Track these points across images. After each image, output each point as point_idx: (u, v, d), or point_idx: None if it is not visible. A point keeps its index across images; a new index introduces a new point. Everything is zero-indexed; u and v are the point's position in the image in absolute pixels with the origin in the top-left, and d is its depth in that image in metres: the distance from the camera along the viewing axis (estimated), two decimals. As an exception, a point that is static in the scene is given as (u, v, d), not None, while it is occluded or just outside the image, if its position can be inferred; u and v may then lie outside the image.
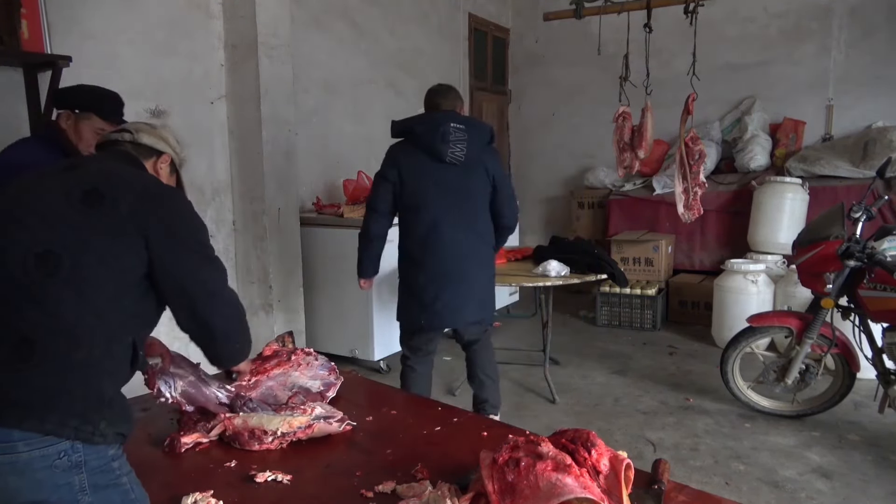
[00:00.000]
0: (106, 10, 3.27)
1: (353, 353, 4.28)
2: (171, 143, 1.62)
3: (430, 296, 2.83)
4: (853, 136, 5.34)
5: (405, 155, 2.82)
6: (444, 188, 2.80)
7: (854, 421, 3.45)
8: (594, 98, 6.29)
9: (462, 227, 2.83)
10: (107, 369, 1.28)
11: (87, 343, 1.24)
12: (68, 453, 1.21)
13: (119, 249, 1.31)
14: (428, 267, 2.83)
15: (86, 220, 1.30)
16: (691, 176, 4.25)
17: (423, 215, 2.80)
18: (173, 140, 1.64)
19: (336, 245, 4.23)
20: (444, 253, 2.82)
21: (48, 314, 1.22)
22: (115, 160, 1.50)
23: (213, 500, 1.37)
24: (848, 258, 3.04)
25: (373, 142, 5.31)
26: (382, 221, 2.92)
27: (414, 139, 2.81)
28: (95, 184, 1.34)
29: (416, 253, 2.85)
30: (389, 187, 2.83)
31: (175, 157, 1.62)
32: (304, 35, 4.42)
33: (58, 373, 1.22)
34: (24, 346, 1.20)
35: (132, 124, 1.62)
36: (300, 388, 1.91)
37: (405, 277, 2.95)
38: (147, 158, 1.56)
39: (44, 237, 1.26)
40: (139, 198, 1.36)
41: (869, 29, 5.47)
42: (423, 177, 2.79)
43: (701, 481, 2.81)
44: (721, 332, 4.66)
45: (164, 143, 1.60)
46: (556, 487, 1.12)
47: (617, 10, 4.66)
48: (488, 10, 6.79)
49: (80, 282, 1.25)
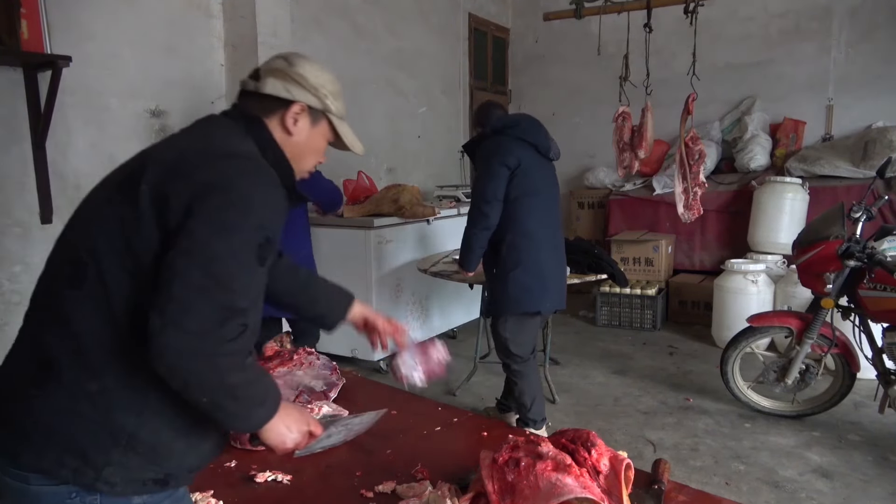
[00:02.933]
0: (106, 10, 3.27)
1: (353, 353, 4.27)
2: (308, 84, 1.22)
3: (546, 280, 2.94)
4: (853, 136, 5.34)
5: (520, 146, 2.91)
6: (548, 182, 3.01)
7: (854, 421, 3.45)
8: (594, 98, 6.30)
9: (556, 219, 3.08)
10: (124, 399, 1.04)
11: (100, 368, 1.03)
12: (81, 495, 1.04)
13: (140, 247, 1.02)
14: (538, 254, 2.93)
15: (114, 215, 1.04)
16: (691, 176, 4.26)
17: (536, 205, 2.92)
18: (315, 78, 1.23)
19: (336, 245, 4.23)
20: (550, 242, 2.99)
21: (70, 334, 1.03)
22: (202, 127, 1.18)
23: (213, 500, 1.37)
24: (848, 258, 3.04)
25: (373, 142, 5.32)
26: (500, 210, 2.93)
27: (520, 133, 2.93)
28: (135, 166, 1.08)
29: (522, 242, 2.91)
30: (507, 178, 2.88)
31: (317, 101, 1.23)
32: (304, 35, 4.42)
33: (68, 402, 1.02)
34: (42, 370, 1.04)
35: (265, 64, 1.26)
36: (304, 388, 1.91)
37: (513, 266, 2.90)
38: (270, 114, 1.21)
39: (77, 241, 1.07)
40: (165, 173, 1.03)
41: (869, 29, 5.47)
42: (535, 169, 2.93)
43: (701, 481, 2.80)
44: (721, 332, 4.66)
45: (296, 86, 1.21)
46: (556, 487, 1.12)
47: (617, 10, 4.67)
48: (488, 10, 6.79)
49: (101, 294, 1.02)
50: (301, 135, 1.24)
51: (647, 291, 5.26)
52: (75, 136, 3.21)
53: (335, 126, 1.29)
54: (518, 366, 3.03)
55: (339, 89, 1.30)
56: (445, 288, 4.74)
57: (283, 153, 1.22)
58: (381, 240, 4.23)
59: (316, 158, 1.32)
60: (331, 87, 1.26)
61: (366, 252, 4.16)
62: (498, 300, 2.96)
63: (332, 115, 1.28)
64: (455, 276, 3.76)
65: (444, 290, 4.79)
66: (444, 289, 4.77)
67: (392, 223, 4.30)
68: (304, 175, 1.32)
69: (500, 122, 3.00)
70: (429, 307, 4.75)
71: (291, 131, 1.22)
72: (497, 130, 2.97)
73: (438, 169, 6.20)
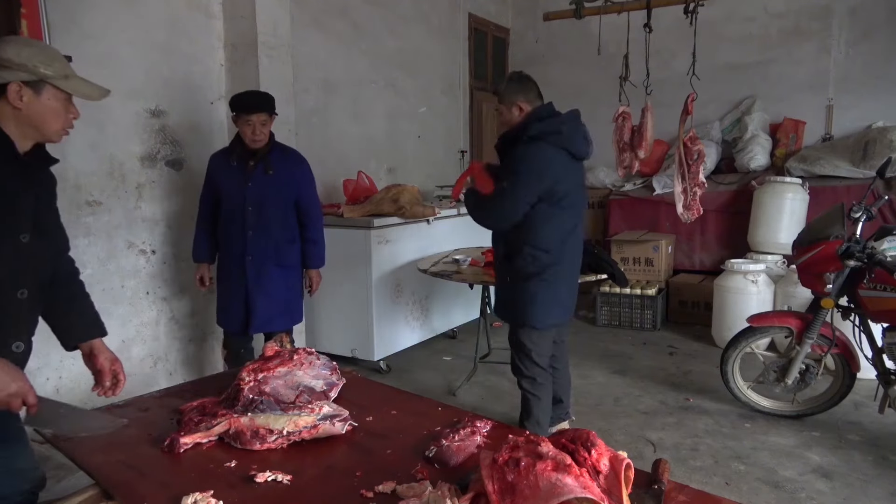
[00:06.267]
0: (106, 10, 3.26)
1: (353, 353, 4.28)
2: (14, 64, 1.40)
3: (570, 291, 2.90)
4: (853, 136, 5.34)
5: (559, 157, 2.71)
6: (580, 187, 2.91)
7: (854, 421, 3.45)
8: (594, 98, 6.28)
9: (578, 222, 2.90)
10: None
11: None
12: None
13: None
14: (568, 264, 2.84)
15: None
16: (690, 176, 4.26)
17: (569, 215, 2.77)
18: (19, 56, 1.40)
19: (336, 245, 4.23)
20: (577, 250, 2.92)
21: None
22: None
23: (213, 500, 1.37)
24: (848, 258, 3.04)
25: (373, 142, 5.32)
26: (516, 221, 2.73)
27: (562, 142, 2.71)
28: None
29: (555, 251, 2.74)
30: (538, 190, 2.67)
31: (28, 75, 1.41)
32: (304, 35, 4.43)
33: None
34: None
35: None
36: (304, 388, 1.91)
37: (541, 274, 2.74)
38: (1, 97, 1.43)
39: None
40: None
41: (869, 29, 5.47)
42: (569, 176, 2.76)
43: (701, 481, 2.80)
44: (721, 332, 4.66)
45: (5, 70, 1.40)
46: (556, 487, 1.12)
47: (617, 10, 4.67)
48: (488, 10, 6.79)
49: None
50: (31, 107, 1.44)
51: (647, 291, 5.27)
52: (75, 136, 3.17)
53: (60, 87, 1.46)
54: (542, 379, 2.89)
55: (51, 53, 1.47)
56: (445, 288, 4.74)
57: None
58: (381, 240, 4.23)
59: (60, 118, 1.51)
60: (40, 57, 1.43)
61: (366, 252, 4.16)
62: (523, 311, 2.80)
63: (53, 80, 1.45)
64: (455, 277, 3.76)
65: (444, 290, 4.79)
66: (444, 289, 4.77)
67: (392, 223, 4.30)
68: (55, 138, 1.53)
69: (540, 128, 2.71)
70: (429, 307, 4.75)
71: (19, 106, 1.42)
72: (536, 137, 2.69)
73: (438, 169, 6.20)
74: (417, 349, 4.69)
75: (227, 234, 3.19)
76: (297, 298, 3.36)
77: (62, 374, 3.13)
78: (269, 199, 3.12)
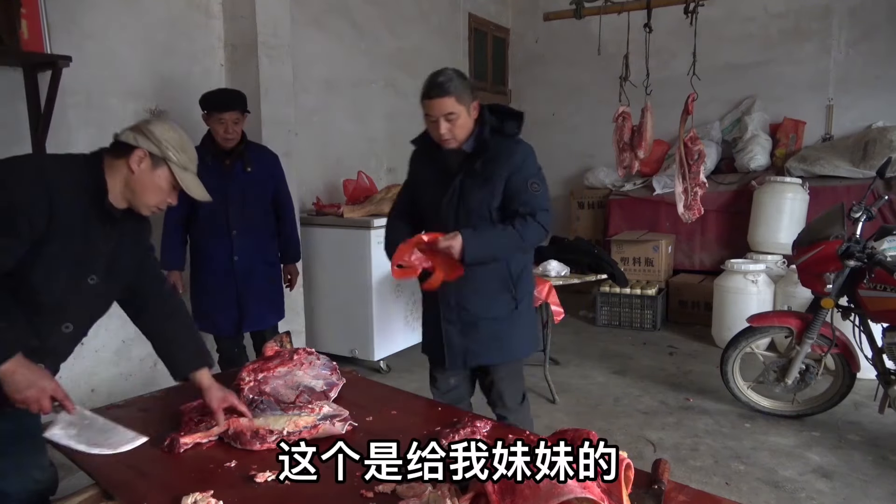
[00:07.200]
0: (106, 10, 3.26)
1: (353, 353, 4.28)
2: (153, 137, 1.58)
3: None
4: (853, 136, 5.34)
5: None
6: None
7: (854, 421, 3.45)
8: (594, 98, 6.29)
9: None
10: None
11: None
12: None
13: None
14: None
15: None
16: (691, 176, 4.26)
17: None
18: (160, 133, 1.59)
19: (336, 245, 4.23)
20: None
21: None
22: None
23: (213, 500, 1.37)
24: (848, 258, 3.04)
25: (373, 142, 5.32)
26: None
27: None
28: None
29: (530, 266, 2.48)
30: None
31: (157, 149, 1.58)
32: (304, 35, 4.42)
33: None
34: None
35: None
36: (304, 388, 1.91)
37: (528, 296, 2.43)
38: (122, 155, 1.58)
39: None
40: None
41: (869, 29, 5.47)
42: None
43: (701, 481, 2.80)
44: (721, 332, 4.66)
45: (142, 137, 1.57)
46: (556, 487, 1.12)
47: (617, 10, 4.67)
48: (488, 10, 6.79)
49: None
50: (142, 175, 1.58)
51: (647, 291, 5.26)
52: (75, 136, 3.20)
53: (175, 173, 1.61)
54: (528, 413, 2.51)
55: (187, 149, 1.64)
56: (445, 288, 4.73)
57: (102, 177, 1.57)
58: (381, 240, 4.22)
59: (158, 196, 1.64)
60: (174, 143, 1.60)
61: (366, 252, 4.16)
62: (528, 340, 2.41)
63: (172, 164, 1.60)
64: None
65: (444, 290, 4.78)
66: (444, 289, 4.76)
67: (392, 223, 4.29)
68: (144, 209, 1.65)
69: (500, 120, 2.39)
70: (429, 307, 4.74)
71: (134, 170, 1.57)
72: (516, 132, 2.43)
73: (438, 169, 6.18)
74: (417, 349, 4.66)
75: (209, 236, 3.08)
76: (280, 293, 3.37)
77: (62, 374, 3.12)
78: (250, 196, 3.10)
